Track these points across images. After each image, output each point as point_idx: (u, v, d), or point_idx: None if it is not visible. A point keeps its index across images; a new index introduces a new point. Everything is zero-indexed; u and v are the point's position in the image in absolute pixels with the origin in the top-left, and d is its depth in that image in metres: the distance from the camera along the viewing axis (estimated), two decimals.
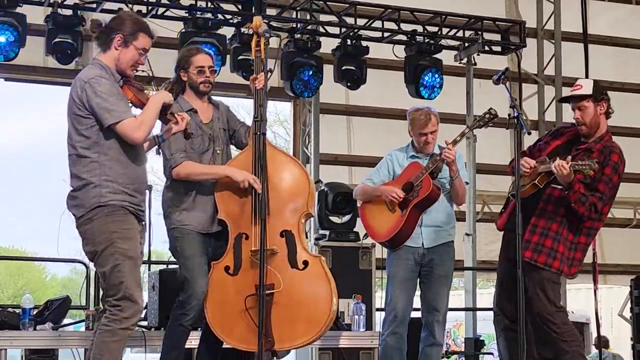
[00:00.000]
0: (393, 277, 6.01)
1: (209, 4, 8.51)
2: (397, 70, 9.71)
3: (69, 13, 8.07)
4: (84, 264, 8.16)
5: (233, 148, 5.60)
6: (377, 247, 7.22)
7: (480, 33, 9.67)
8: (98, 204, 4.71)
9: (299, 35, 9.03)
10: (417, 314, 6.15)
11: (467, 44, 9.79)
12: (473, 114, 9.73)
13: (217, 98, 5.66)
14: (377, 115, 10.65)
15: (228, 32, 8.66)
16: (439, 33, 9.49)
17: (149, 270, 6.69)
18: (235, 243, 5.26)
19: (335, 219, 7.88)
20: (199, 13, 8.44)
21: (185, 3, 8.48)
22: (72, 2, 8.13)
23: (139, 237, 4.86)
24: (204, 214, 5.30)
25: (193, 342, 5.50)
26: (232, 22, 8.62)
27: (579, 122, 5.64)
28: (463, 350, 9.86)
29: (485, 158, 10.31)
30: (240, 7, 8.63)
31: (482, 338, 9.54)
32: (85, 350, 7.16)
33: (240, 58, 8.60)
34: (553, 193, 5.56)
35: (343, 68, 9.18)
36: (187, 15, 8.42)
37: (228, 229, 5.29)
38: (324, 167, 10.04)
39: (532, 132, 6.04)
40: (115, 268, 4.69)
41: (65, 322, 6.25)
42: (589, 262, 7.10)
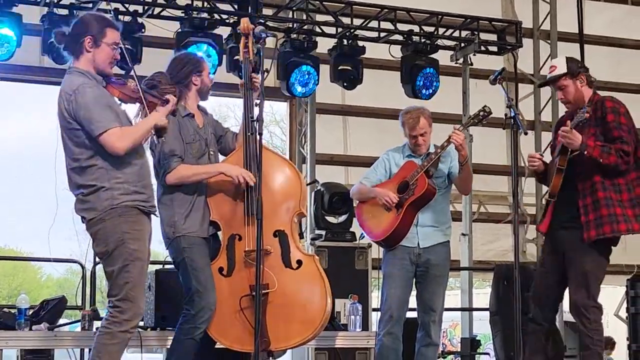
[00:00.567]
0: (388, 276, 5.99)
1: (205, 4, 8.49)
2: (393, 70, 9.70)
3: (65, 13, 8.05)
4: (80, 264, 8.15)
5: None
6: (373, 247, 7.20)
7: (477, 33, 9.67)
8: (111, 207, 4.69)
9: (295, 35, 9.01)
10: (413, 314, 6.14)
11: (463, 44, 9.78)
12: (469, 114, 9.72)
13: (213, 98, 5.65)
14: (373, 115, 10.64)
15: (224, 32, 8.64)
16: (435, 33, 9.48)
17: None
18: (229, 244, 5.25)
19: (332, 219, 7.88)
20: (195, 13, 8.41)
21: (182, 3, 8.45)
22: (68, 1, 8.10)
23: (147, 238, 4.83)
24: (203, 218, 5.27)
25: None
26: (228, 22, 8.61)
27: (564, 101, 5.70)
28: (459, 351, 9.85)
29: (481, 158, 10.30)
30: (236, 7, 8.61)
31: (478, 338, 9.53)
32: (81, 350, 7.17)
33: (237, 58, 8.57)
34: (580, 165, 5.47)
35: (339, 68, 9.16)
36: (183, 15, 8.40)
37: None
38: (320, 167, 10.02)
39: (528, 132, 6.07)
40: (124, 268, 4.68)
41: (61, 322, 6.23)
42: None
